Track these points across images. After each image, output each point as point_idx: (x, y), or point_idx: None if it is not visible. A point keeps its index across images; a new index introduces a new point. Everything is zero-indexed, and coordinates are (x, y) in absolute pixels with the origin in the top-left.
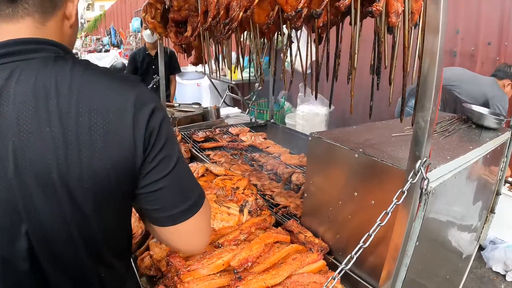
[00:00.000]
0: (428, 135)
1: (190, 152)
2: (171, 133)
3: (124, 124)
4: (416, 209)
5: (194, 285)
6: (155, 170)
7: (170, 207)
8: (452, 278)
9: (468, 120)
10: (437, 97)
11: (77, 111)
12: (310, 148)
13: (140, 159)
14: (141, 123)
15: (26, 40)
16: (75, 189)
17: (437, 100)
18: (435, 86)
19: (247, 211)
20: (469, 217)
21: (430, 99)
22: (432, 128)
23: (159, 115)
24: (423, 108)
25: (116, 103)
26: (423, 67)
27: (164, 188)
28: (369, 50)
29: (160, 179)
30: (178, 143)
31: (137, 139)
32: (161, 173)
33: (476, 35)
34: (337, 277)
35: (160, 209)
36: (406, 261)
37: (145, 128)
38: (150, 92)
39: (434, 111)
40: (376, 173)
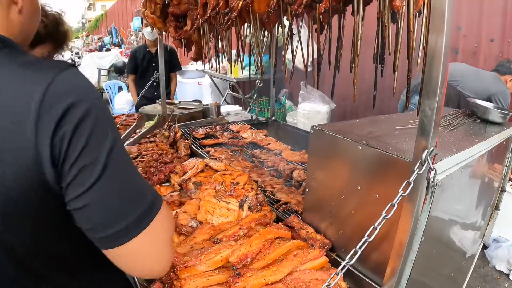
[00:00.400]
0: (435, 124)
1: (190, 148)
2: (98, 132)
3: (23, 131)
4: (423, 201)
5: (191, 281)
6: (73, 183)
7: (102, 228)
8: (456, 277)
9: (473, 114)
10: (443, 83)
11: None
12: (312, 141)
13: (51, 172)
14: (47, 128)
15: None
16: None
17: (443, 87)
18: (441, 72)
19: (247, 206)
20: (474, 214)
21: (436, 85)
22: (438, 116)
23: (77, 112)
24: (430, 96)
25: (14, 103)
26: (429, 53)
27: (89, 206)
28: (369, 45)
29: (82, 195)
30: (117, 141)
31: (41, 148)
32: (81, 187)
33: (479, 32)
34: (341, 272)
35: (91, 229)
36: (412, 257)
37: (52, 133)
38: (74, 80)
39: (441, 99)
40: (381, 165)
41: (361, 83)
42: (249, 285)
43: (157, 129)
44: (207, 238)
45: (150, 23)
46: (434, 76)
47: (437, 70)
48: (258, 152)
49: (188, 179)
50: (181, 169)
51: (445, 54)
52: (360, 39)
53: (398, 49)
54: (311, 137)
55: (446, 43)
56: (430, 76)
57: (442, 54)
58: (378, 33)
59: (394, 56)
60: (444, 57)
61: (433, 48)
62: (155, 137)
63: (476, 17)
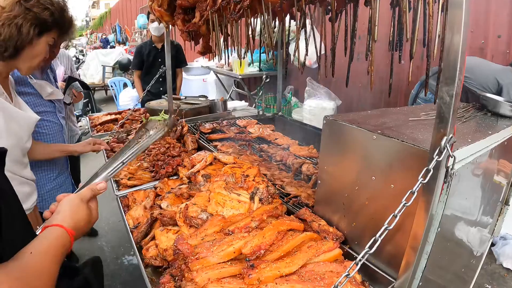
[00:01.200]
0: (454, 110)
1: (197, 142)
2: None
3: None
4: (440, 190)
5: (203, 273)
6: None
7: None
8: (465, 274)
9: (483, 108)
10: (462, 69)
11: None
12: (324, 132)
13: None
14: None
15: None
16: None
17: (462, 73)
18: (460, 57)
19: (258, 198)
20: (484, 208)
21: (455, 71)
22: (457, 103)
23: None
24: (448, 82)
25: None
26: (447, 38)
27: None
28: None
29: None
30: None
31: None
32: None
33: (486, 28)
34: (361, 261)
35: None
36: (427, 248)
37: None
38: None
39: (459, 85)
40: (396, 155)
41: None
42: (263, 277)
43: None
44: (218, 230)
45: (157, 16)
46: (452, 61)
47: (456, 55)
48: (266, 146)
49: (197, 172)
50: (189, 162)
51: (463, 38)
52: (377, 25)
53: (416, 35)
54: (324, 128)
55: (465, 27)
56: (448, 62)
57: (461, 38)
58: (394, 21)
59: (411, 43)
60: (462, 41)
61: (452, 32)
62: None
63: (484, 14)
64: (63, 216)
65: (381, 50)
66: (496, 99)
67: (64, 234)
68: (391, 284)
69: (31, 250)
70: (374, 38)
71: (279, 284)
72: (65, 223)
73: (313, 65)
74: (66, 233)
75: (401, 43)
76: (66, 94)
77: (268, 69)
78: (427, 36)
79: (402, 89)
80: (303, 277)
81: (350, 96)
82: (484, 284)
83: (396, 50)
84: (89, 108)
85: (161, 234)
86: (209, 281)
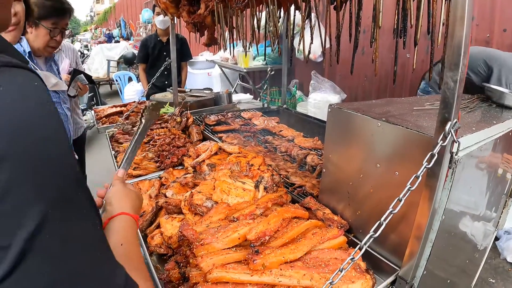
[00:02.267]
0: (458, 96)
1: (202, 134)
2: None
3: None
4: (445, 176)
5: (208, 259)
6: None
7: None
8: (468, 267)
9: (488, 99)
10: (466, 55)
11: None
12: (329, 120)
13: None
14: None
15: None
16: None
17: (466, 58)
18: (464, 41)
19: (263, 187)
20: (488, 201)
21: (459, 56)
22: (461, 89)
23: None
24: (452, 67)
25: None
26: (451, 23)
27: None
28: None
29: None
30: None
31: None
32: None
33: (491, 21)
34: (366, 245)
35: None
36: (432, 236)
37: None
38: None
39: (463, 71)
40: (401, 142)
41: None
42: (267, 263)
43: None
44: (223, 217)
45: (162, 8)
46: (456, 46)
47: (460, 40)
48: (271, 138)
49: (202, 162)
50: (194, 152)
51: (467, 22)
52: (382, 11)
53: (420, 22)
54: (329, 116)
55: (469, 11)
56: (452, 47)
57: (465, 22)
58: (398, 8)
59: (415, 30)
60: (466, 26)
61: (455, 17)
62: (167, 123)
63: (489, 7)
64: (120, 205)
65: (386, 44)
66: (501, 91)
67: (131, 219)
68: (395, 273)
69: (120, 242)
70: (379, 25)
71: (284, 269)
72: (127, 209)
73: (318, 59)
74: (131, 218)
75: (405, 29)
76: (71, 86)
77: (273, 62)
78: (431, 21)
79: (407, 83)
80: (307, 264)
81: (355, 89)
82: (488, 278)
83: (400, 38)
84: (94, 102)
85: (166, 222)
86: (213, 267)
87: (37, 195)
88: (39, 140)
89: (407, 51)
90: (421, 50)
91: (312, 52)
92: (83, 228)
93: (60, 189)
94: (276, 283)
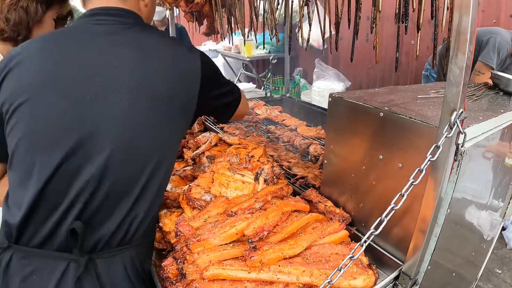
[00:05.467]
0: (464, 83)
1: (203, 124)
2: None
3: (194, 88)
4: (450, 168)
5: (204, 255)
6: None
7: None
8: (475, 258)
9: (495, 86)
10: (472, 40)
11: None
12: (330, 110)
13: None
14: (202, 87)
15: (116, 7)
16: None
17: (472, 44)
18: (470, 28)
19: (263, 179)
20: (496, 191)
21: (464, 43)
22: (467, 76)
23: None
24: (458, 54)
25: (188, 69)
26: (456, 6)
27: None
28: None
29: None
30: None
31: (197, 100)
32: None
33: (498, 7)
34: (366, 243)
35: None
36: (436, 230)
37: (201, 89)
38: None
39: (470, 57)
40: (404, 132)
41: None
42: (265, 259)
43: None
44: (221, 211)
45: None
46: (462, 32)
47: (466, 26)
48: (273, 127)
49: (201, 153)
50: (194, 143)
51: (473, 8)
52: None
53: (423, 6)
54: (329, 105)
55: (474, 6)
56: (457, 33)
57: (471, 8)
58: None
59: (418, 15)
60: (472, 11)
61: (460, 1)
62: None
63: None
64: None
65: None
66: (509, 78)
67: None
68: (399, 267)
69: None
70: (379, 9)
71: (282, 266)
72: None
73: (321, 46)
74: None
75: (407, 13)
76: None
77: (276, 50)
78: (435, 5)
79: (412, 69)
80: (307, 259)
81: (359, 77)
82: (495, 269)
83: (402, 23)
84: None
85: (164, 217)
86: (210, 263)
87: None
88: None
89: (412, 38)
90: (427, 37)
91: (316, 40)
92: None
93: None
94: (274, 280)
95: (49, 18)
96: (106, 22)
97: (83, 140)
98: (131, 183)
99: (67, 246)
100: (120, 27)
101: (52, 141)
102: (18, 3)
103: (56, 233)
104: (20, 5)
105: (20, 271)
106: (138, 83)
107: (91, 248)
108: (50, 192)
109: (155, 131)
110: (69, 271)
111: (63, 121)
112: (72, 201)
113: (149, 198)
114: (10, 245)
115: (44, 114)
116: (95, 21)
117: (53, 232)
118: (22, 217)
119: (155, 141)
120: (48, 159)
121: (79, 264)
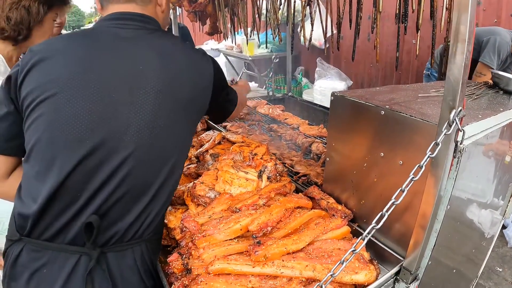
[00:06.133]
0: (463, 82)
1: (206, 123)
2: (222, 77)
3: (208, 90)
4: (449, 165)
5: (209, 250)
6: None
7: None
8: (475, 256)
9: (495, 85)
10: (471, 39)
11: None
12: (332, 108)
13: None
14: (214, 89)
15: (137, 13)
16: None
17: (471, 44)
18: (468, 27)
19: (266, 176)
20: (495, 190)
21: (463, 42)
22: (466, 75)
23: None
24: (456, 53)
25: (205, 73)
26: (455, 6)
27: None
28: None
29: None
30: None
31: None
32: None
33: (499, 6)
34: (367, 237)
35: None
36: (437, 226)
37: (214, 90)
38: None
39: (468, 57)
40: (405, 130)
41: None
42: (269, 254)
43: None
44: (225, 208)
45: None
46: (461, 32)
47: (465, 25)
48: (276, 126)
49: (205, 151)
50: (197, 141)
51: (472, 7)
52: None
53: (422, 6)
54: (331, 104)
55: (472, 6)
56: (456, 32)
57: (469, 8)
58: None
59: (417, 15)
60: (471, 11)
61: (459, 1)
62: None
63: None
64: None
65: (391, 30)
66: (509, 77)
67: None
68: (400, 263)
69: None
70: (379, 9)
71: (286, 261)
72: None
73: (323, 46)
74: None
75: (406, 14)
76: None
77: (278, 50)
78: (434, 5)
79: (413, 68)
80: (310, 254)
81: (361, 76)
82: (495, 267)
83: (402, 23)
84: None
85: (169, 214)
86: (215, 258)
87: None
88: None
89: (413, 37)
90: (427, 36)
91: (318, 39)
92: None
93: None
94: (278, 274)
95: (50, 19)
96: (128, 27)
97: (107, 139)
98: (150, 182)
99: (80, 239)
100: (142, 32)
101: (76, 137)
102: (20, 2)
103: (70, 226)
104: (22, 5)
105: (30, 264)
106: (163, 87)
107: (104, 242)
108: (69, 186)
109: (175, 133)
110: (80, 264)
111: (89, 118)
112: (91, 196)
113: (164, 196)
114: (21, 238)
115: (70, 110)
116: (117, 24)
117: (68, 225)
118: (37, 209)
119: (175, 142)
120: (71, 154)
121: (91, 257)
